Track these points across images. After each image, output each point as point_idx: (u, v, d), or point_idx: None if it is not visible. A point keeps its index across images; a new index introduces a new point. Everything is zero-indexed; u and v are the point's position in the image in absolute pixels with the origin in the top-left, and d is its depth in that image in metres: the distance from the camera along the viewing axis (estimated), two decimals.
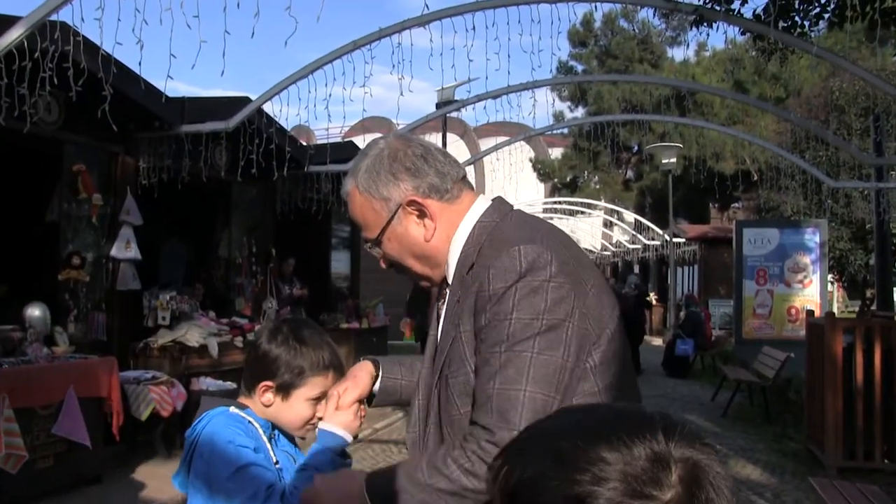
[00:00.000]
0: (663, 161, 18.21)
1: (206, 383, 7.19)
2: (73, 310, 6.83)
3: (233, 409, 1.87)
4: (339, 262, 11.46)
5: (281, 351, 1.87)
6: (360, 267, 12.13)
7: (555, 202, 28.55)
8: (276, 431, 1.95)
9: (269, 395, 1.88)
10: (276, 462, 1.85)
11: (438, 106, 13.42)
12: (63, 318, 6.69)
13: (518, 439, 0.87)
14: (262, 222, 9.66)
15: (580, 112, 27.88)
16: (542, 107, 24.52)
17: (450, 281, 1.74)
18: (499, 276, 1.54)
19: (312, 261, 10.34)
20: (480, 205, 1.74)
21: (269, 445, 1.86)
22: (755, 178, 20.42)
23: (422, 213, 1.71)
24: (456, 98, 13.23)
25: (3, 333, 6.13)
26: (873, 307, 19.19)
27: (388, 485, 1.53)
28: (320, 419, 1.87)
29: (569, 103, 28.43)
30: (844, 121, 17.22)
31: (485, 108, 8.87)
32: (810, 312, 9.54)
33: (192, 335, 7.26)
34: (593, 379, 1.56)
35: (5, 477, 5.08)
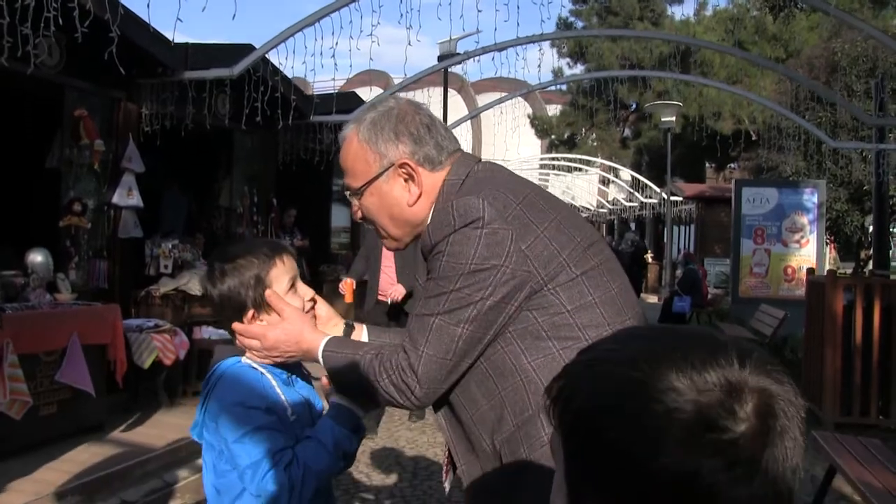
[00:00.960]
0: (662, 119, 18.13)
1: (209, 332, 7.19)
2: (74, 257, 6.78)
3: (245, 358, 1.85)
4: (340, 215, 11.41)
5: (228, 282, 1.82)
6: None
7: (552, 158, 28.48)
8: (294, 377, 1.93)
9: (258, 320, 1.84)
10: (292, 414, 1.81)
11: (440, 59, 13.27)
12: (64, 265, 6.65)
13: (578, 363, 0.82)
14: (263, 172, 9.60)
15: (579, 69, 27.63)
16: (539, 64, 24.20)
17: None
18: (436, 230, 1.63)
19: (313, 212, 10.30)
20: (451, 166, 1.79)
21: (283, 397, 1.82)
22: (753, 138, 20.37)
23: (410, 178, 1.75)
24: (458, 51, 13.09)
25: (5, 279, 6.10)
26: (868, 268, 19.32)
27: (336, 360, 1.74)
28: (313, 300, 1.90)
29: (568, 60, 28.15)
30: (845, 82, 17.12)
31: (478, 62, 8.80)
32: (811, 271, 9.58)
33: (195, 284, 7.23)
34: (560, 303, 1.61)
35: (9, 423, 5.06)
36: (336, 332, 1.92)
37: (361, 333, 1.99)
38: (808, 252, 13.65)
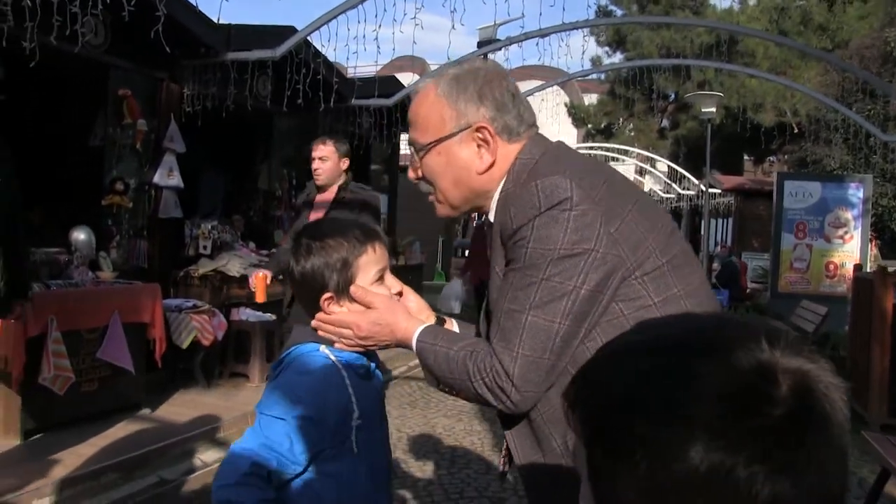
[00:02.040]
0: (703, 110, 17.80)
1: (246, 314, 7.20)
2: (115, 235, 6.82)
3: (324, 347, 1.74)
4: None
5: (313, 260, 1.73)
6: (397, 205, 12.05)
7: (588, 147, 28.22)
8: (373, 364, 1.84)
9: (335, 307, 1.75)
10: (358, 418, 1.69)
11: (479, 45, 13.15)
12: (106, 243, 6.69)
13: (597, 359, 0.76)
14: (302, 155, 9.57)
15: (618, 58, 27.31)
16: (578, 52, 23.95)
17: (492, 218, 1.69)
18: (519, 213, 1.52)
19: None
20: (526, 143, 1.69)
21: (353, 399, 1.69)
22: (795, 130, 19.98)
23: (485, 144, 1.65)
24: (498, 37, 12.96)
25: (49, 256, 6.14)
26: None
27: (430, 353, 1.65)
28: (399, 294, 1.81)
29: (607, 48, 27.83)
30: None
31: (520, 48, 8.70)
32: (858, 267, 9.37)
33: (233, 265, 7.24)
34: (647, 295, 1.52)
35: (53, 397, 5.14)
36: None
37: (452, 328, 1.87)
38: (851, 248, 13.37)
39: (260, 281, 5.41)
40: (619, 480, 0.68)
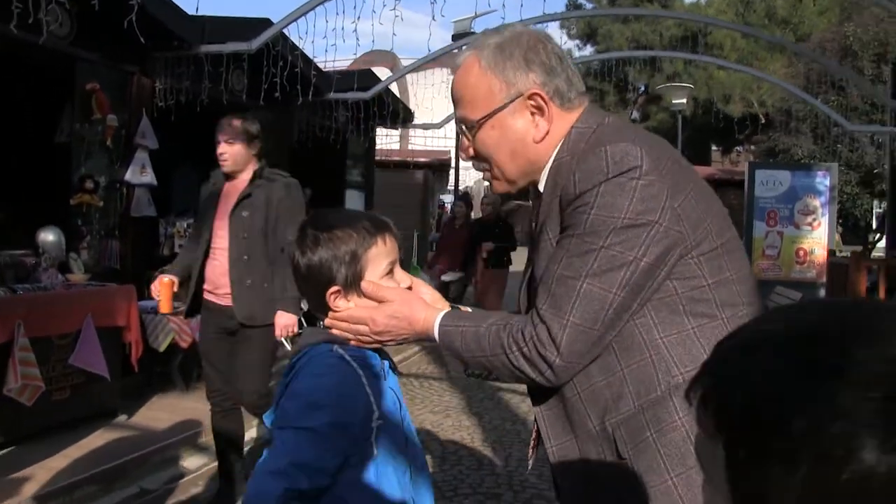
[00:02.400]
0: (674, 101, 17.89)
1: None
2: (86, 236, 6.56)
3: (338, 347, 1.62)
4: (353, 197, 11.18)
5: (320, 253, 1.63)
6: (373, 202, 11.89)
7: None
8: (387, 363, 1.72)
9: (342, 302, 1.64)
10: (379, 419, 1.57)
11: (454, 38, 13.03)
12: (76, 244, 6.44)
13: (726, 350, 0.67)
14: (278, 150, 9.36)
15: (589, 51, 27.41)
16: None
17: (541, 188, 1.62)
18: (585, 178, 1.44)
19: (328, 192, 10.06)
20: (581, 112, 1.61)
21: (371, 399, 1.57)
22: (763, 121, 20.21)
23: (539, 111, 1.57)
24: (473, 30, 12.86)
25: (15, 258, 5.90)
26: (875, 252, 19.24)
27: (455, 335, 1.56)
28: (409, 289, 1.70)
29: (577, 41, 27.90)
30: (857, 66, 16.99)
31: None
32: (832, 252, 9.47)
33: None
34: (702, 275, 1.46)
35: (21, 409, 4.88)
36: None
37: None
38: (819, 234, 13.47)
39: (165, 287, 4.43)
40: (773, 485, 0.60)
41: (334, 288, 1.63)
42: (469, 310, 1.77)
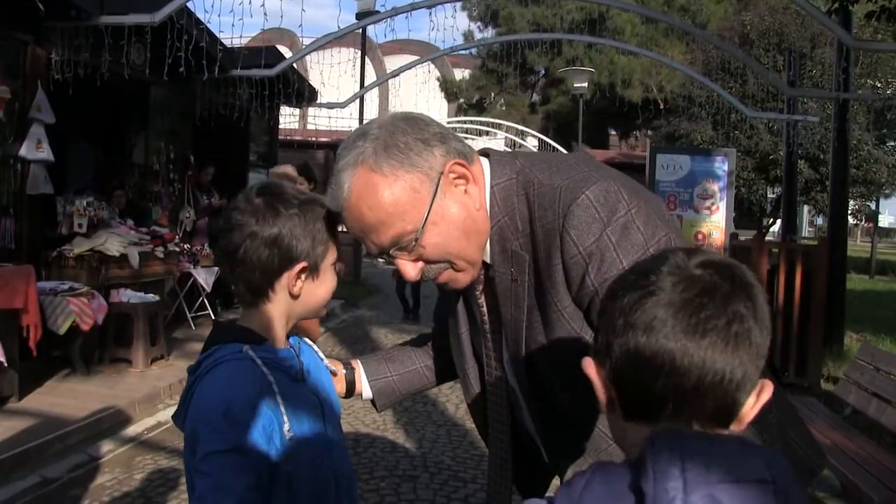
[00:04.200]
0: (575, 85, 18.23)
1: (127, 295, 6.78)
2: None
3: (247, 348, 1.41)
4: (258, 175, 10.96)
5: (290, 223, 1.42)
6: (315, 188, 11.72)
7: (459, 122, 28.38)
8: (307, 362, 1.55)
9: (299, 283, 1.45)
10: (289, 431, 1.38)
11: (358, 17, 12.88)
12: None
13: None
14: (180, 128, 9.08)
15: (490, 33, 27.53)
16: (450, 27, 24.04)
17: (487, 259, 1.50)
18: (583, 234, 1.36)
19: (231, 171, 9.83)
20: (484, 167, 1.50)
21: (282, 408, 1.39)
22: (662, 106, 20.81)
23: (463, 179, 1.43)
24: (377, 9, 12.72)
25: None
26: (770, 234, 20.19)
27: None
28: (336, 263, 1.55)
29: (479, 23, 28.01)
30: (755, 55, 17.68)
31: (388, 24, 8.60)
32: (734, 235, 9.86)
33: (112, 244, 6.78)
34: None
35: None
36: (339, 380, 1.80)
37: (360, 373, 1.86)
38: (717, 218, 14.01)
39: None
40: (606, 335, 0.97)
41: (302, 264, 1.44)
42: (360, 365, 1.86)
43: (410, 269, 1.44)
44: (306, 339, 1.65)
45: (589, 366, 0.99)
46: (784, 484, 0.86)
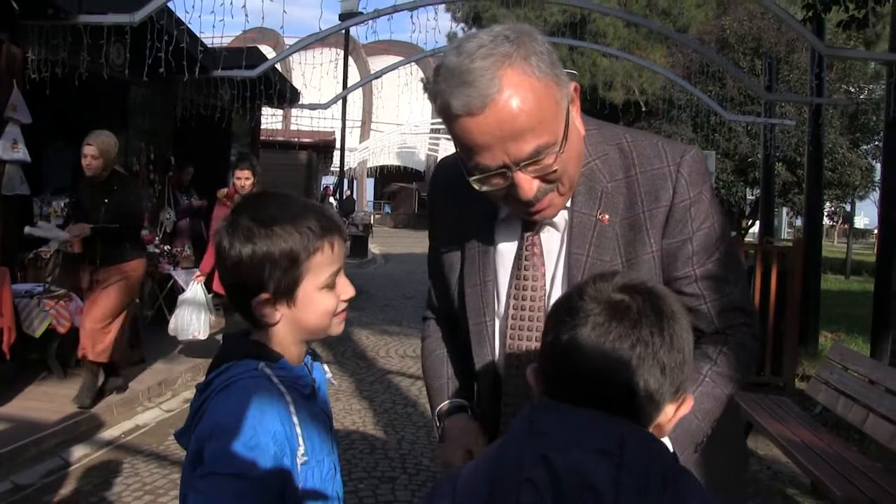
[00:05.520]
0: None
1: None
2: None
3: (262, 366, 1.35)
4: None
5: (251, 248, 1.32)
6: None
7: (442, 123, 28.38)
8: (318, 377, 1.49)
9: (270, 310, 1.36)
10: (304, 455, 1.33)
11: (342, 18, 12.89)
12: None
13: None
14: (160, 128, 9.04)
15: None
16: (434, 28, 24.13)
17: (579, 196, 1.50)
18: (694, 182, 1.46)
19: (211, 171, 9.81)
20: None
21: (299, 430, 1.33)
22: (643, 109, 20.94)
23: (578, 101, 1.42)
24: (360, 10, 12.74)
25: None
26: (749, 236, 20.34)
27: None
28: (347, 302, 1.43)
29: (463, 25, 28.03)
30: (733, 58, 17.85)
31: (370, 25, 8.63)
32: None
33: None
34: None
35: None
36: None
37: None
38: None
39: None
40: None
41: (264, 295, 1.35)
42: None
43: (531, 186, 1.36)
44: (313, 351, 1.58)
45: (531, 373, 1.11)
46: (632, 461, 0.93)
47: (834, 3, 7.26)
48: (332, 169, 21.29)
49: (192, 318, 6.59)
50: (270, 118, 16.18)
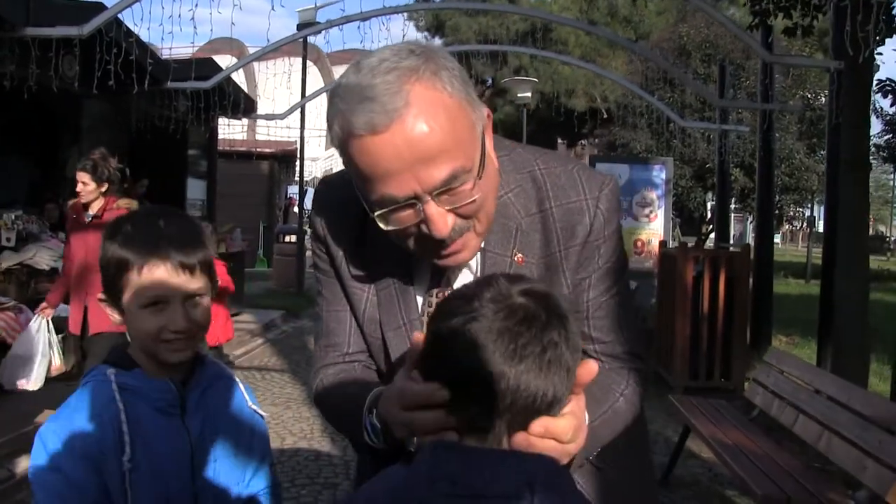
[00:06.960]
0: (519, 95, 18.48)
1: (57, 310, 6.72)
2: None
3: (111, 371, 1.41)
4: (195, 188, 10.94)
5: (106, 244, 1.42)
6: (216, 192, 11.66)
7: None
8: (194, 397, 1.46)
9: (110, 310, 1.43)
10: (129, 462, 1.35)
11: (299, 27, 12.93)
12: None
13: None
14: (115, 141, 9.02)
15: (437, 43, 27.75)
16: (399, 36, 24.17)
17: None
18: (611, 219, 1.36)
19: (167, 184, 9.81)
20: None
21: (127, 437, 1.36)
22: (605, 116, 21.21)
23: (490, 133, 1.28)
24: (318, 20, 12.79)
25: None
26: (709, 241, 20.63)
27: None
28: (179, 336, 1.39)
29: (426, 33, 28.19)
30: (690, 65, 18.15)
31: (330, 34, 8.68)
32: (663, 243, 10.10)
33: (42, 258, 6.76)
34: None
35: None
36: None
37: None
38: (656, 226, 14.33)
39: None
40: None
41: (101, 295, 1.45)
42: None
43: (445, 222, 1.18)
44: (238, 380, 1.59)
45: (417, 379, 1.05)
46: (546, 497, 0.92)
47: (779, 10, 7.38)
48: (296, 179, 21.27)
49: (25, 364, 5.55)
50: (236, 128, 16.10)
